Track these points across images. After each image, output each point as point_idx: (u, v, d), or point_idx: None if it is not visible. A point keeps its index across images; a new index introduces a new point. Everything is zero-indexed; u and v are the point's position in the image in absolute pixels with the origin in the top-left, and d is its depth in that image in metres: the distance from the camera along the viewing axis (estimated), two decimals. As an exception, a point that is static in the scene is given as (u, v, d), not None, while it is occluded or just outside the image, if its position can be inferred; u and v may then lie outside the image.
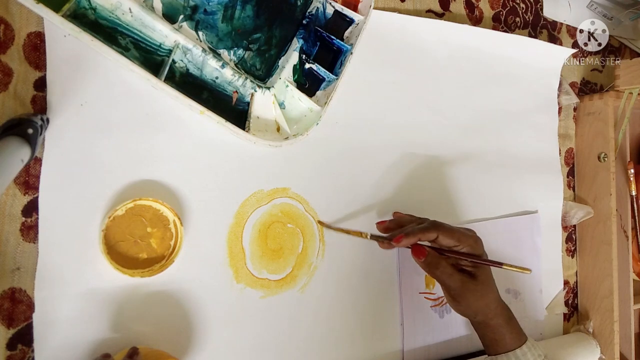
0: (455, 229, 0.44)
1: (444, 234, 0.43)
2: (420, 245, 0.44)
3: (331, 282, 0.50)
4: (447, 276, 0.43)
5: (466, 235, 0.44)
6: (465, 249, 0.44)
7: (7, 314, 0.37)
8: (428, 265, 0.43)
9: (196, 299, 0.43)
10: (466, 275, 0.43)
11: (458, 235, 0.44)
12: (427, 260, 0.43)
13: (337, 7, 0.49)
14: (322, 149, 0.49)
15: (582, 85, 0.71)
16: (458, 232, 0.44)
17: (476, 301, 0.43)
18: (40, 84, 0.38)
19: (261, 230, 0.47)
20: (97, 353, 0.39)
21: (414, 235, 0.43)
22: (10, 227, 0.37)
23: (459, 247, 0.44)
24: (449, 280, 0.43)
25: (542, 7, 0.66)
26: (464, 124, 0.58)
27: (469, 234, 0.45)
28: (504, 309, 0.45)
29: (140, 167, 0.41)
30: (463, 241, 0.43)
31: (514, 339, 0.44)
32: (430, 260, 0.43)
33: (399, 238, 0.43)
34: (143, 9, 0.39)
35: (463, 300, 0.43)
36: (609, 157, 0.64)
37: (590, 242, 0.67)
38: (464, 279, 0.43)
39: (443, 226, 0.44)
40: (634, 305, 0.64)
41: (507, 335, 0.44)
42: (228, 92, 0.44)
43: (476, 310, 0.44)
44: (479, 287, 0.43)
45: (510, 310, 0.46)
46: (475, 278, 0.43)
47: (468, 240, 0.44)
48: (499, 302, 0.45)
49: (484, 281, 0.44)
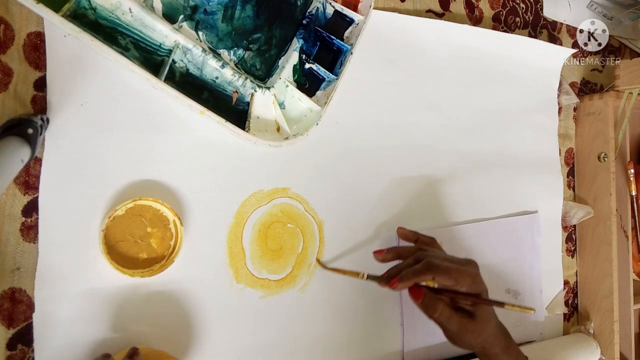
0: (452, 268, 0.41)
1: (440, 276, 0.41)
2: (417, 286, 0.42)
3: (331, 282, 0.50)
4: (444, 319, 0.41)
5: (464, 273, 0.42)
6: (463, 288, 0.42)
7: (7, 314, 0.37)
8: (425, 308, 0.41)
9: (196, 299, 0.43)
10: (465, 316, 0.42)
11: (455, 275, 0.41)
12: (424, 302, 0.41)
13: (337, 7, 0.49)
14: (322, 149, 0.49)
15: (582, 85, 0.71)
16: (455, 272, 0.41)
17: (474, 339, 0.42)
18: (40, 84, 0.38)
19: (261, 230, 0.47)
20: (97, 353, 0.39)
21: (408, 280, 0.41)
22: (10, 227, 0.37)
23: (457, 286, 0.42)
24: (447, 323, 0.41)
25: (542, 7, 0.66)
26: (463, 123, 0.58)
27: (467, 272, 0.42)
28: (502, 338, 0.44)
29: (140, 167, 0.41)
30: (460, 281, 0.41)
31: None
32: (427, 302, 0.41)
33: (394, 282, 0.41)
34: (143, 9, 0.39)
35: (460, 340, 0.42)
36: (609, 157, 0.64)
37: (590, 242, 0.67)
38: (462, 321, 0.41)
39: (439, 267, 0.41)
40: (634, 305, 0.64)
41: None
42: (228, 92, 0.44)
43: (474, 346, 0.43)
44: (477, 326, 0.42)
45: (508, 334, 0.45)
46: (474, 317, 0.42)
47: (466, 280, 0.41)
48: (497, 334, 0.44)
49: (483, 319, 0.42)
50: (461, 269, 0.42)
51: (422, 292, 0.41)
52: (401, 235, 0.50)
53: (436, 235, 0.55)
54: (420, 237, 0.49)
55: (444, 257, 0.43)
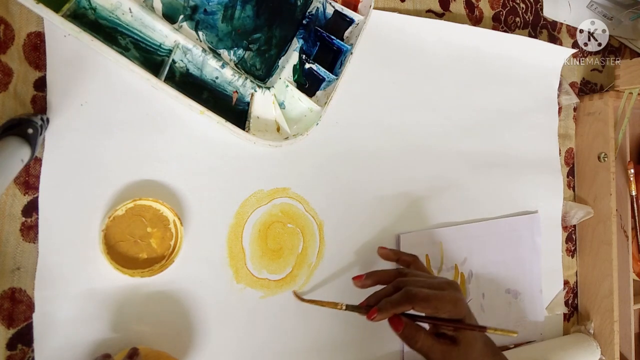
0: (431, 296, 0.40)
1: (419, 305, 0.40)
2: (396, 316, 0.41)
3: (331, 282, 0.50)
4: (427, 349, 0.40)
5: (444, 299, 0.40)
6: (444, 314, 0.41)
7: (7, 314, 0.37)
8: (406, 339, 0.41)
9: (196, 299, 0.43)
10: (447, 342, 0.41)
11: (434, 302, 0.40)
12: (404, 334, 0.40)
13: (337, 7, 0.49)
14: (322, 149, 0.49)
15: (582, 85, 0.71)
16: (434, 299, 0.40)
17: None
18: (40, 84, 0.38)
19: (261, 230, 0.47)
20: (97, 353, 0.39)
21: (386, 311, 0.40)
22: (10, 227, 0.37)
23: (438, 313, 0.41)
24: (429, 353, 0.40)
25: (542, 7, 0.66)
26: (463, 123, 0.58)
27: (448, 297, 0.41)
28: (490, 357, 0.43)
29: (140, 167, 0.41)
30: (440, 308, 0.40)
31: None
32: (408, 333, 0.40)
33: (372, 313, 0.40)
34: (143, 9, 0.39)
35: None
36: (609, 157, 0.64)
37: (590, 242, 0.67)
38: (444, 349, 0.40)
39: (417, 296, 0.40)
40: (634, 305, 0.64)
41: None
42: (228, 92, 0.44)
43: None
44: (462, 351, 0.41)
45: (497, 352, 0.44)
46: (458, 343, 0.41)
47: (446, 306, 0.40)
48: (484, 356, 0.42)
49: (468, 343, 0.41)
50: (441, 295, 0.41)
51: (402, 323, 0.40)
52: (382, 255, 0.49)
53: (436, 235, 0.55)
54: (402, 257, 0.48)
55: (423, 283, 0.42)
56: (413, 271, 0.46)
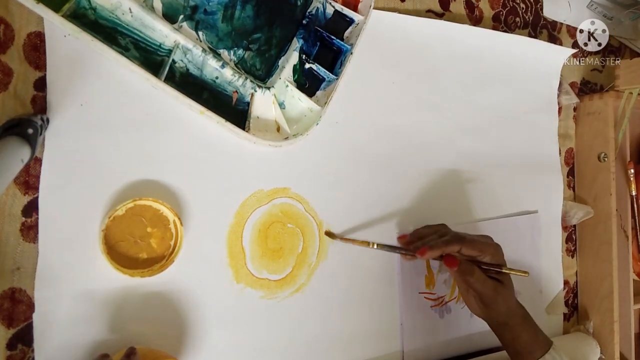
0: (476, 240, 0.46)
1: (466, 246, 0.45)
2: (451, 255, 0.45)
3: (331, 282, 0.50)
4: (480, 283, 0.44)
5: (487, 244, 0.46)
6: (487, 258, 0.45)
7: (7, 314, 0.37)
8: (462, 274, 0.45)
9: (196, 299, 0.43)
10: (495, 281, 0.45)
11: (480, 245, 0.45)
12: (461, 269, 0.45)
13: (337, 7, 0.49)
14: (322, 149, 0.49)
15: (582, 85, 0.71)
16: (480, 243, 0.45)
17: (504, 304, 0.45)
18: (40, 84, 0.38)
19: (261, 230, 0.47)
20: (97, 353, 0.39)
21: (438, 248, 0.44)
22: (10, 227, 0.37)
23: (481, 256, 0.45)
24: (482, 287, 0.44)
25: (542, 7, 0.66)
26: (463, 123, 0.58)
27: (490, 243, 0.46)
28: (521, 307, 0.47)
29: (140, 167, 0.41)
30: (485, 251, 0.45)
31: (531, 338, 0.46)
32: (464, 268, 0.45)
33: (424, 251, 0.44)
34: (143, 9, 0.39)
35: (493, 304, 0.45)
36: (609, 157, 0.64)
37: (590, 242, 0.67)
38: (495, 285, 0.45)
39: (465, 238, 0.45)
40: (634, 305, 0.64)
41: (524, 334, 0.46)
42: (228, 92, 0.44)
43: (501, 313, 0.45)
44: (506, 291, 0.45)
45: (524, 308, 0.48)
46: (503, 283, 0.45)
47: (489, 249, 0.45)
48: (517, 303, 0.47)
49: (510, 286, 0.46)
50: (485, 241, 0.46)
51: (457, 260, 0.45)
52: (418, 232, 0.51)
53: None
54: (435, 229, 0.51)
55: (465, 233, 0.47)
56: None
